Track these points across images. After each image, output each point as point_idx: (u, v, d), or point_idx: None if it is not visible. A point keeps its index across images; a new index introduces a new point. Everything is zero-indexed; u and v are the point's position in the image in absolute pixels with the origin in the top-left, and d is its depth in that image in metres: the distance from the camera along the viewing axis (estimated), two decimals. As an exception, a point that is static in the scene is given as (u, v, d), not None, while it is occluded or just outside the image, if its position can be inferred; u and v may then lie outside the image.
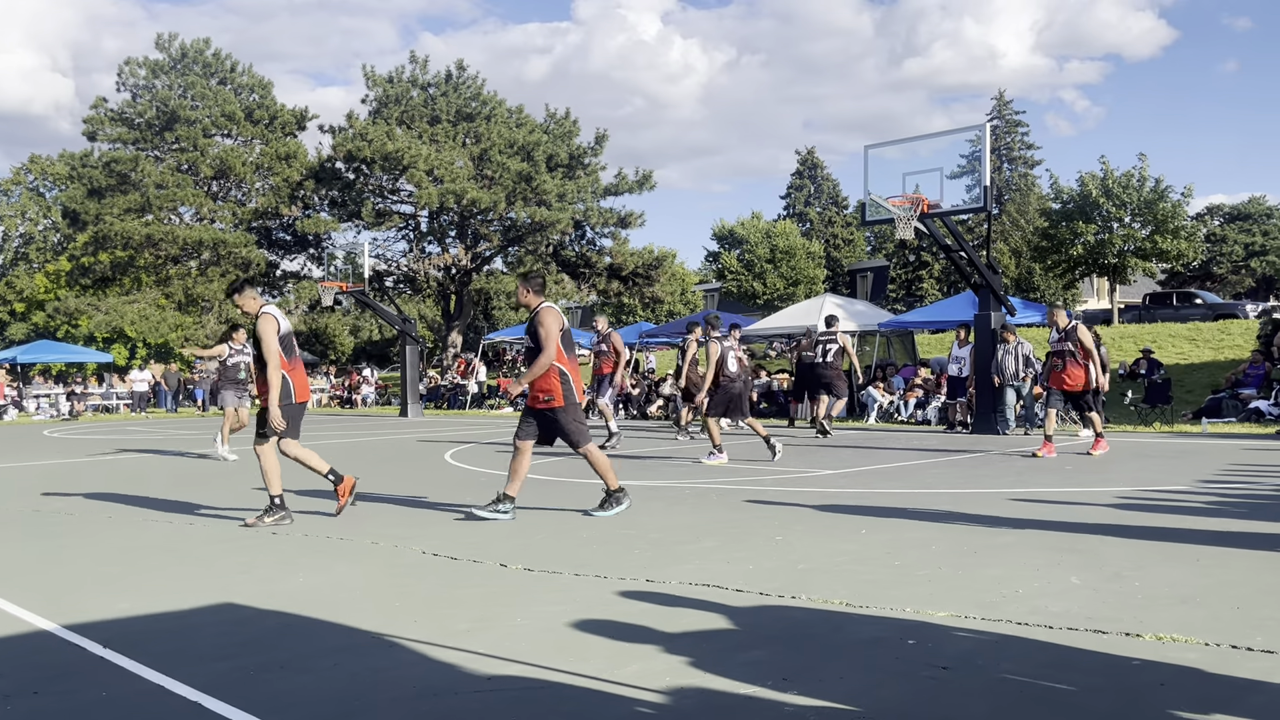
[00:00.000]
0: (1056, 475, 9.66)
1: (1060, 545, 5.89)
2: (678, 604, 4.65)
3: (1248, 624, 4.08)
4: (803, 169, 69.78)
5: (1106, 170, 34.50)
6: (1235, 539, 5.99)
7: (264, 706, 3.35)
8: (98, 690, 3.60)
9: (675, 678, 3.55)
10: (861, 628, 4.21)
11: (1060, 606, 4.42)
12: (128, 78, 40.55)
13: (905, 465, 10.78)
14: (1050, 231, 36.25)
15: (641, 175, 39.09)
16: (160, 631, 4.39)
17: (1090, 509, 7.34)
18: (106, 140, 40.29)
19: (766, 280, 53.55)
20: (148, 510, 8.35)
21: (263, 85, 42.46)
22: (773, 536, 6.41)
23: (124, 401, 34.11)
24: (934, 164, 16.41)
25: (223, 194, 41.54)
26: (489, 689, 3.50)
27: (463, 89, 39.52)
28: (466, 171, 37.18)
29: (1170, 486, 8.67)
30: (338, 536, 6.74)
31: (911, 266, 57.60)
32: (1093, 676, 3.49)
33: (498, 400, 30.10)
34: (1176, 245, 33.93)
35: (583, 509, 7.83)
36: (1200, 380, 20.88)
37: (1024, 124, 63.14)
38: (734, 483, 9.50)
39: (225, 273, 39.20)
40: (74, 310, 38.85)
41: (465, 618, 4.48)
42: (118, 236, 37.04)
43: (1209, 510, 7.27)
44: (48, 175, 50.85)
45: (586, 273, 39.94)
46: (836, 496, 8.37)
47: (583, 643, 4.05)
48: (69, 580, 5.55)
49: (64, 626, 4.47)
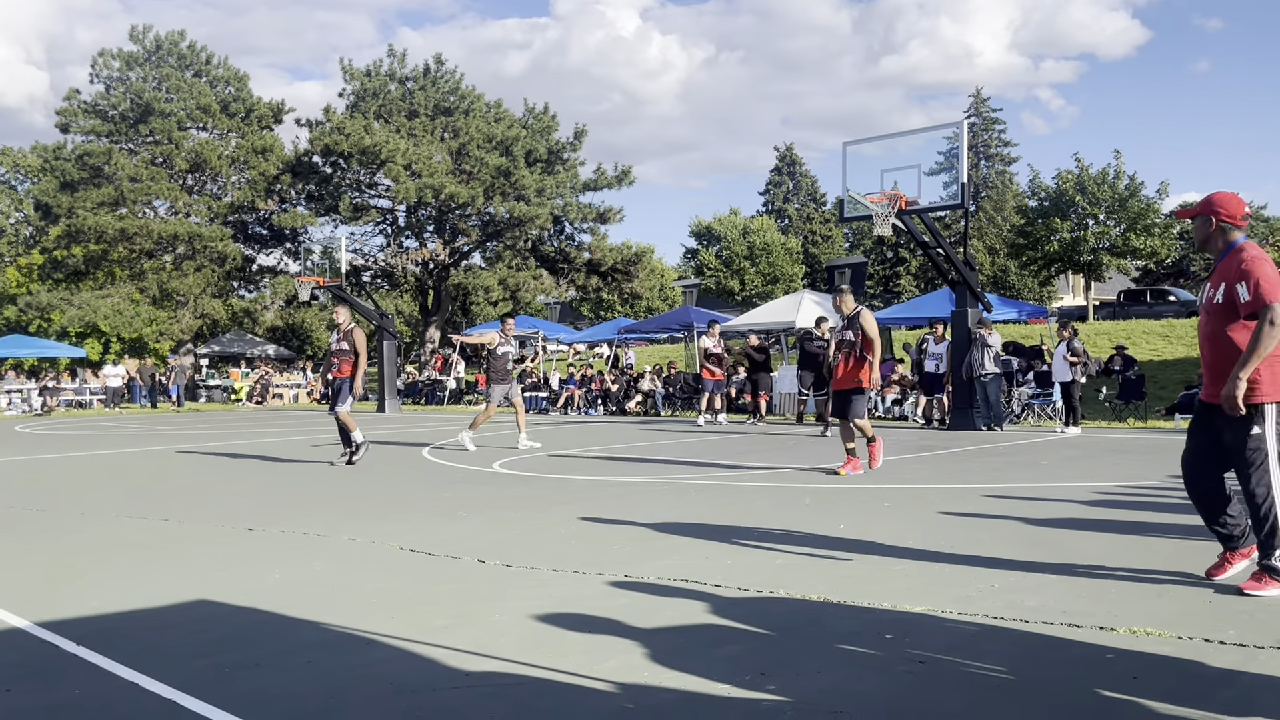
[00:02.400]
0: (1032, 471, 9.73)
1: (1036, 540, 5.93)
2: (656, 599, 4.65)
3: (1220, 617, 4.13)
4: (782, 165, 69.97)
5: (1081, 168, 34.76)
6: (1207, 533, 6.04)
7: (239, 704, 3.33)
8: (71, 688, 3.56)
9: (653, 673, 3.56)
10: (839, 622, 4.22)
11: (1036, 601, 4.46)
12: (101, 69, 40.06)
13: (883, 461, 10.82)
14: (1026, 229, 36.50)
15: (620, 171, 39.08)
16: (134, 628, 4.35)
17: (1065, 504, 7.40)
18: (79, 133, 39.78)
19: (745, 277, 53.65)
20: (122, 506, 8.28)
21: (239, 78, 42.05)
22: (750, 532, 6.42)
23: (98, 397, 33.77)
24: (912, 161, 16.48)
25: (198, 188, 41.13)
26: (467, 685, 3.49)
27: (441, 83, 39.32)
28: (444, 166, 37.01)
29: (1144, 482, 8.75)
30: (314, 533, 6.71)
31: (889, 263, 57.85)
32: (1068, 669, 3.52)
33: (475, 395, 30.02)
34: (1150, 243, 34.24)
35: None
36: (1174, 376, 21.09)
37: (1001, 121, 63.58)
38: (713, 478, 9.52)
39: (200, 267, 38.84)
40: (46, 305, 38.37)
41: (443, 614, 4.46)
42: (91, 230, 36.62)
43: (1182, 505, 7.33)
44: (19, 168, 50.21)
45: (565, 268, 39.88)
46: (815, 492, 8.40)
47: (561, 638, 4.04)
48: (41, 577, 5.49)
49: (36, 624, 4.42)
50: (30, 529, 7.23)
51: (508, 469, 10.79)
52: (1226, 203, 4.69)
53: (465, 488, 9.11)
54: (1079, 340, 15.66)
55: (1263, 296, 4.34)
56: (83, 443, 16.64)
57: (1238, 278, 4.46)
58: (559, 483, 9.42)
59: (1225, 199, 4.71)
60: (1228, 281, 4.52)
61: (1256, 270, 4.43)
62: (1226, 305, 4.53)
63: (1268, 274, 4.41)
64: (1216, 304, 4.58)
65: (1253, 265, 4.45)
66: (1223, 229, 4.67)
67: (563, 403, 25.33)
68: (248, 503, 8.44)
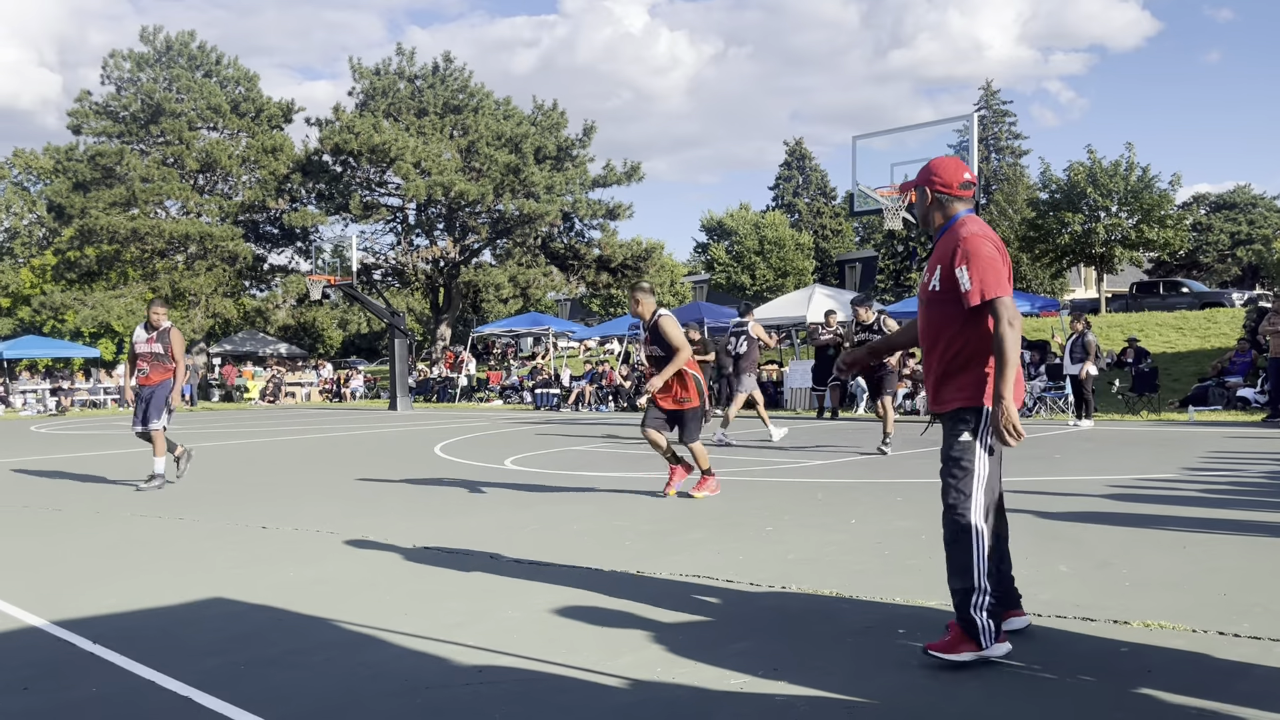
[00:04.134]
0: (1045, 464, 9.69)
1: (1048, 533, 5.92)
2: (669, 595, 4.65)
3: (1234, 610, 4.11)
4: (791, 160, 69.75)
5: (1094, 160, 34.58)
6: (1222, 526, 6.03)
7: (255, 701, 3.35)
8: (89, 686, 3.59)
9: (666, 668, 3.56)
10: (852, 617, 4.22)
11: (1049, 594, 4.44)
12: (112, 70, 40.21)
13: (893, 455, 10.80)
14: (1038, 221, 36.34)
15: (629, 167, 39.04)
16: (151, 627, 4.38)
17: (1078, 498, 7.37)
18: (91, 134, 39.94)
19: (755, 272, 53.55)
20: (136, 505, 8.32)
21: (248, 78, 42.16)
22: (763, 527, 6.42)
23: (111, 396, 33.95)
24: (922, 154, 16.45)
25: (209, 187, 41.26)
26: (480, 681, 3.51)
27: (450, 81, 39.36)
28: (454, 164, 37.06)
29: (1157, 474, 8.71)
30: (328, 531, 6.73)
31: (900, 257, 57.64)
32: (1081, 663, 3.51)
33: (487, 393, 30.08)
34: (1163, 235, 34.05)
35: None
36: (1187, 369, 20.98)
37: (1011, 114, 63.11)
38: (723, 474, 9.51)
39: (211, 267, 38.97)
40: (60, 305, 38.57)
41: (456, 611, 4.47)
42: (103, 230, 36.79)
43: (1195, 498, 7.31)
44: (32, 169, 50.46)
45: (575, 265, 39.87)
46: (826, 487, 8.39)
47: (574, 634, 4.05)
48: (59, 576, 5.53)
49: (54, 622, 4.45)
50: (47, 528, 7.28)
51: (520, 465, 10.81)
52: (941, 169, 3.85)
53: (477, 485, 9.13)
54: (1092, 334, 15.59)
55: (987, 288, 3.55)
56: (97, 442, 16.73)
57: (957, 260, 3.62)
58: (571, 479, 9.43)
59: (941, 165, 3.88)
60: (944, 265, 3.68)
61: (974, 251, 3.60)
62: (946, 294, 3.68)
63: (986, 257, 3.59)
64: (934, 292, 3.74)
65: (970, 245, 3.61)
66: (939, 201, 3.82)
67: (574, 399, 25.35)
68: (261, 501, 8.47)
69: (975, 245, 3.61)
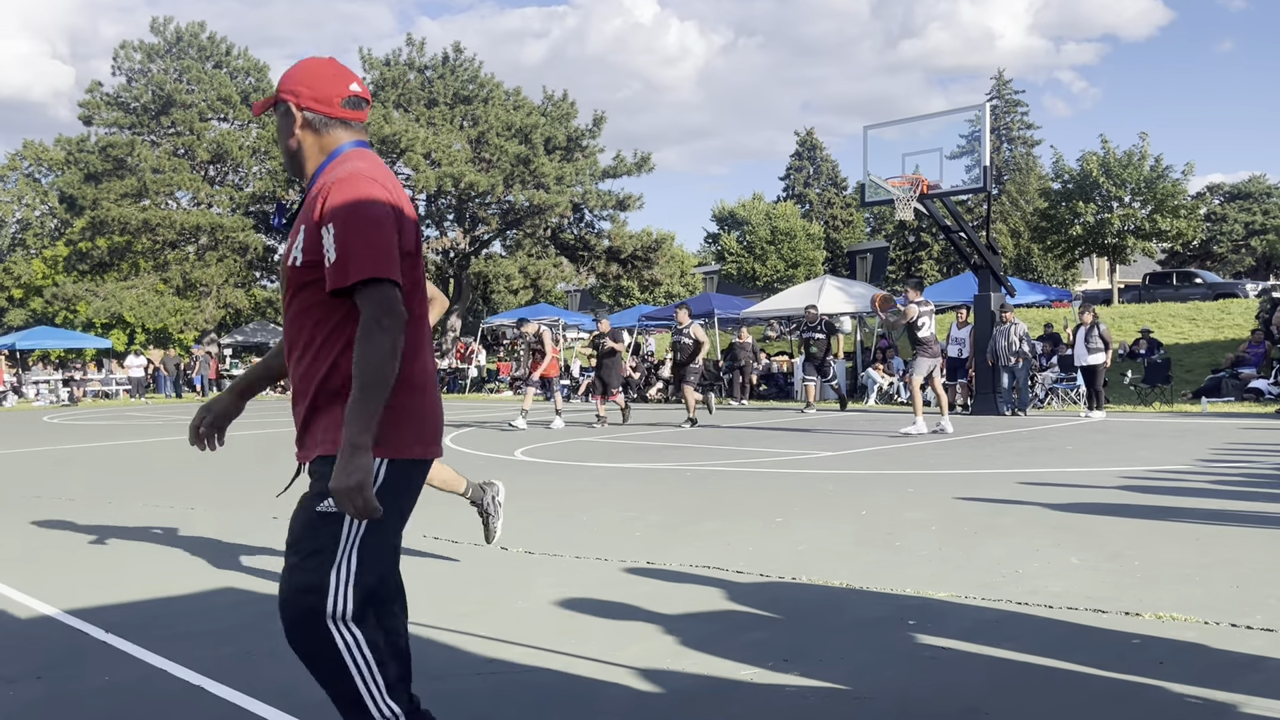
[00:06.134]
0: (1057, 455, 9.67)
1: (1060, 525, 5.90)
2: (679, 586, 4.65)
3: (1247, 602, 4.09)
4: (802, 150, 69.52)
5: (1107, 149, 34.40)
6: (1235, 518, 6.00)
7: (266, 690, 3.36)
8: (100, 675, 3.61)
9: (676, 659, 3.56)
10: (862, 608, 4.22)
11: (1060, 586, 4.43)
12: (123, 62, 40.30)
13: (905, 446, 10.79)
14: (1050, 212, 36.18)
15: (640, 158, 38.98)
16: (162, 616, 4.39)
17: (1090, 489, 7.35)
18: (102, 125, 40.06)
19: (767, 262, 53.44)
20: (148, 495, 8.36)
21: (259, 69, 42.22)
22: (773, 518, 6.42)
23: (123, 387, 34.11)
24: (933, 144, 16.39)
25: (220, 178, 41.37)
26: (490, 671, 3.51)
27: (460, 72, 39.32)
28: (464, 154, 37.05)
29: (1170, 466, 8.68)
30: (338, 520, 6.74)
31: (911, 248, 57.47)
32: (1093, 655, 3.50)
33: (497, 384, 30.11)
34: (1176, 225, 33.87)
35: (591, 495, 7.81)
36: (1200, 360, 20.88)
37: (1023, 104, 62.82)
38: (734, 465, 9.51)
39: (223, 257, 39.09)
40: (72, 296, 38.73)
41: (466, 601, 4.48)
42: (115, 222, 36.92)
43: (1208, 490, 7.28)
44: (43, 161, 50.61)
45: (585, 255, 39.85)
46: (837, 478, 8.38)
47: (584, 625, 4.05)
48: (71, 565, 5.56)
49: (66, 611, 4.47)
50: (59, 518, 7.32)
51: (529, 456, 10.82)
52: (311, 76, 2.47)
53: (487, 475, 9.13)
54: (1103, 324, 15.52)
55: (357, 263, 2.21)
56: (109, 432, 16.81)
57: (324, 218, 2.29)
58: (580, 469, 9.44)
59: (309, 69, 2.49)
60: (308, 225, 2.37)
61: (350, 198, 2.26)
62: (309, 269, 2.35)
63: (366, 212, 2.25)
64: (296, 267, 2.39)
65: (345, 188, 2.28)
66: (311, 125, 2.47)
67: (584, 390, 25.35)
68: (271, 490, 8.49)
69: (352, 189, 2.27)
